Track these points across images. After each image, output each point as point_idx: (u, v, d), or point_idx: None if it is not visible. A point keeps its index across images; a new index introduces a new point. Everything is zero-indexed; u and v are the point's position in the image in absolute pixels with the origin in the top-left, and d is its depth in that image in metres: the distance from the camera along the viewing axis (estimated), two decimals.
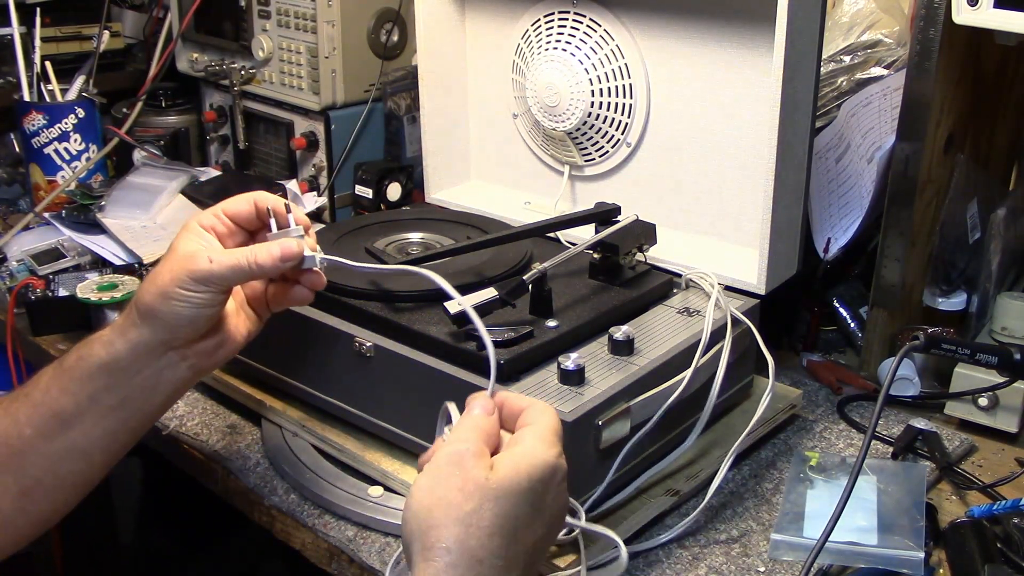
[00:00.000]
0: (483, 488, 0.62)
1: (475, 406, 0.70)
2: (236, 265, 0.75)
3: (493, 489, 0.62)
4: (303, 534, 0.92)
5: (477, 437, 0.66)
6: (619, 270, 1.02)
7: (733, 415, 1.03)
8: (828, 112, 1.20)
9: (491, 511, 0.62)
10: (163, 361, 0.77)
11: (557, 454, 0.66)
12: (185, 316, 0.75)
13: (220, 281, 0.75)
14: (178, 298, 0.74)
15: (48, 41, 1.63)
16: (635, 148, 1.18)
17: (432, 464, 0.65)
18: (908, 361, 1.12)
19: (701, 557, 0.87)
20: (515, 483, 0.63)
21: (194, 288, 0.74)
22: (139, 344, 0.75)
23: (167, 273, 0.75)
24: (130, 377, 0.76)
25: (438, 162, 1.33)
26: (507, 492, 0.63)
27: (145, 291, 0.76)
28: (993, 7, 0.94)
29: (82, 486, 0.79)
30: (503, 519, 0.62)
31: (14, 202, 1.68)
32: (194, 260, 0.75)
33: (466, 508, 0.62)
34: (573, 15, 1.17)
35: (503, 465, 0.64)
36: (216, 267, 0.74)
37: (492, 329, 0.88)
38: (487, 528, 0.61)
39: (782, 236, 1.05)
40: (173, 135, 1.69)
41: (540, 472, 0.64)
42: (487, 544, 0.61)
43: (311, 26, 1.45)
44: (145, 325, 0.75)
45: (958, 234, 1.17)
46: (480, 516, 0.61)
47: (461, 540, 0.61)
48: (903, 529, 0.86)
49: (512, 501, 0.63)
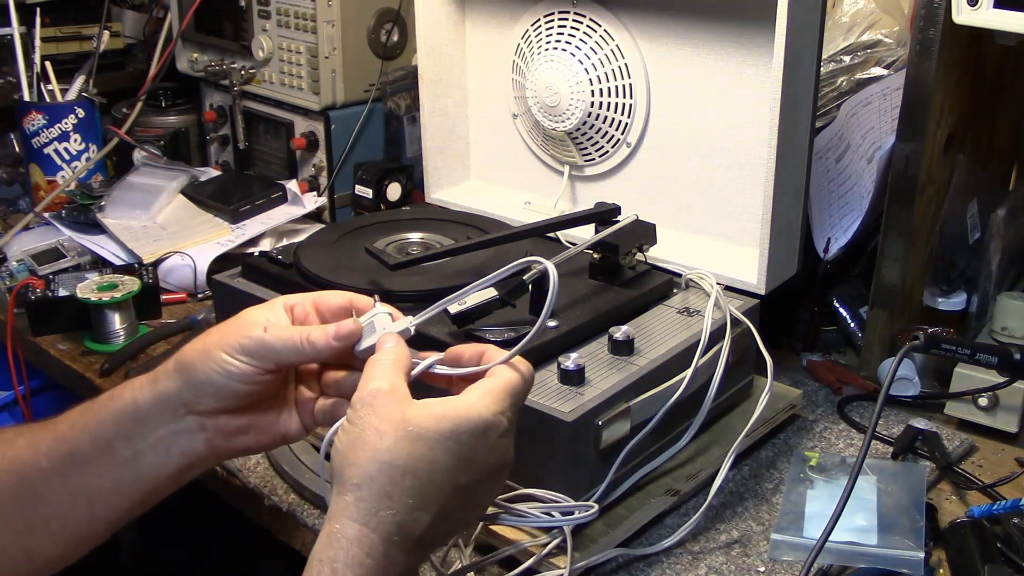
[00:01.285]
0: (398, 426, 0.62)
1: (385, 340, 0.69)
2: (288, 338, 0.70)
3: (410, 430, 0.62)
4: (303, 534, 0.92)
5: (391, 372, 0.65)
6: (619, 270, 1.02)
7: (733, 415, 1.03)
8: (828, 112, 1.20)
9: (406, 450, 0.61)
10: (181, 424, 0.72)
11: (498, 411, 0.65)
12: (215, 382, 0.69)
13: (269, 354, 0.69)
14: (217, 361, 0.69)
15: (48, 41, 1.63)
16: (635, 148, 1.18)
17: (351, 405, 0.65)
18: (908, 361, 1.12)
19: (701, 557, 0.87)
20: (436, 430, 0.62)
21: (237, 356, 0.69)
22: (163, 397, 0.71)
23: (219, 333, 0.71)
24: (147, 431, 0.72)
25: (438, 162, 1.33)
26: (425, 436, 0.62)
27: (192, 345, 0.71)
28: (993, 7, 0.94)
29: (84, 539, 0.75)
30: (418, 460, 0.61)
31: (14, 202, 1.68)
32: (250, 326, 0.70)
33: (380, 446, 0.61)
34: (573, 15, 1.17)
35: (432, 409, 0.63)
36: (269, 336, 0.69)
37: (492, 329, 0.88)
38: (400, 466, 0.61)
39: (782, 236, 1.05)
40: (173, 135, 1.69)
41: (469, 425, 0.63)
42: (399, 482, 0.61)
43: (311, 26, 1.45)
44: (176, 378, 0.71)
45: (958, 234, 1.17)
46: (394, 454, 0.61)
47: (372, 476, 0.61)
48: (903, 529, 0.86)
49: (429, 445, 0.62)
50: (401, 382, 0.65)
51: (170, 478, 0.74)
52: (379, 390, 0.64)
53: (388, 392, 0.64)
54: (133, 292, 1.23)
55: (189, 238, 1.40)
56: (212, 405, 0.71)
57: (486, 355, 0.70)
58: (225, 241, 1.40)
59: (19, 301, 1.27)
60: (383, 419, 0.62)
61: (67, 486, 0.73)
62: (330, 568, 0.60)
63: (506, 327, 0.89)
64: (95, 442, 0.73)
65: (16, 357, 1.31)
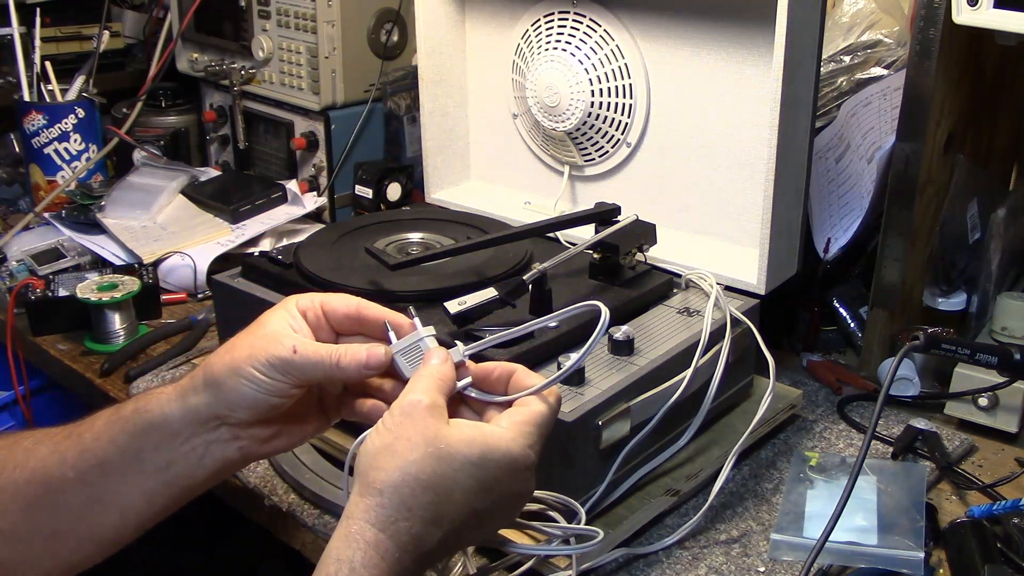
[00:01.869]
0: (430, 443, 0.63)
1: (435, 356, 0.69)
2: (319, 361, 0.70)
3: (440, 448, 0.63)
4: (303, 534, 0.92)
5: (433, 389, 0.66)
6: (619, 270, 1.02)
7: (733, 415, 1.03)
8: (828, 112, 1.20)
9: (432, 467, 0.63)
10: (214, 435, 0.72)
11: (526, 444, 0.66)
12: (249, 397, 0.70)
13: (298, 374, 0.70)
14: (248, 377, 0.69)
15: (48, 41, 1.63)
16: (635, 148, 1.18)
17: (389, 411, 0.66)
18: (908, 361, 1.11)
19: (701, 557, 0.87)
20: (464, 453, 0.64)
21: (267, 373, 0.69)
22: (194, 411, 0.71)
23: (247, 348, 0.70)
24: (178, 443, 0.72)
25: (438, 162, 1.33)
26: (453, 457, 0.63)
27: (219, 358, 0.71)
28: (993, 7, 0.94)
29: (112, 542, 0.76)
30: (441, 478, 0.63)
31: (14, 202, 1.68)
32: (278, 343, 0.69)
33: (409, 457, 0.63)
34: (573, 15, 1.17)
35: (463, 431, 0.65)
36: (298, 359, 0.69)
37: (492, 329, 0.88)
38: (424, 482, 0.63)
39: (782, 236, 1.05)
40: (173, 135, 1.69)
41: (496, 455, 0.65)
42: (420, 496, 0.62)
43: (311, 26, 1.45)
44: (207, 393, 0.71)
45: (958, 234, 1.17)
46: (420, 468, 0.63)
47: (396, 485, 0.62)
48: (903, 529, 0.86)
49: (455, 467, 0.63)
50: (441, 400, 0.66)
51: (202, 482, 0.74)
52: (419, 403, 0.65)
53: (427, 407, 0.65)
54: (133, 292, 1.23)
55: (189, 238, 1.40)
56: (246, 417, 0.71)
57: (515, 377, 0.70)
58: (225, 241, 1.40)
59: (19, 301, 1.27)
60: (417, 431, 0.64)
61: (95, 494, 0.73)
62: (348, 568, 0.61)
63: (507, 327, 0.89)
64: (123, 454, 0.73)
65: (16, 357, 1.31)
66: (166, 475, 0.73)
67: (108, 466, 0.73)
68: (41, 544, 0.75)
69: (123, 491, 0.73)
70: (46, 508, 0.74)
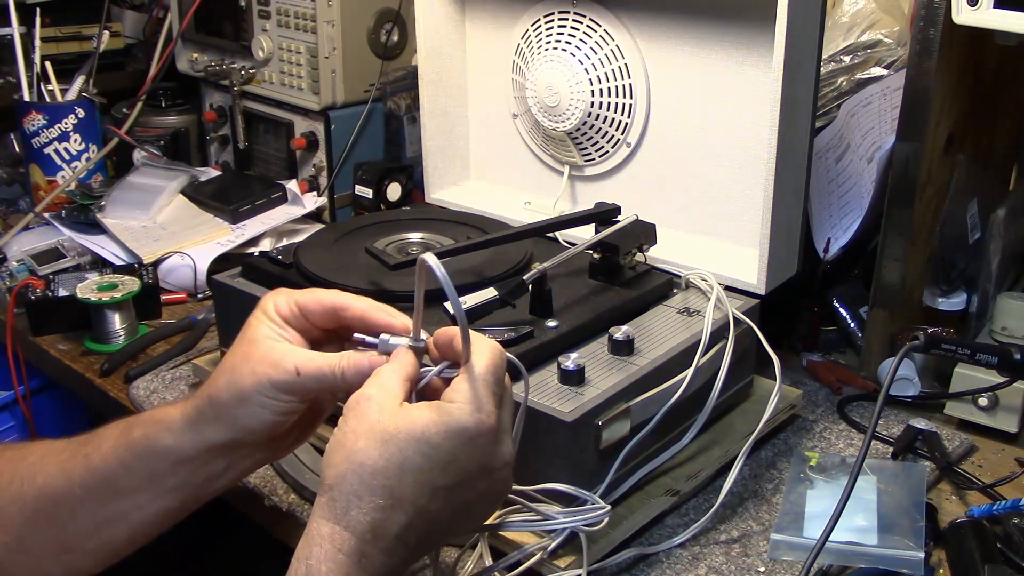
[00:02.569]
0: (372, 430, 0.63)
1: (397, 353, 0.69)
2: (322, 378, 0.70)
3: (382, 432, 0.63)
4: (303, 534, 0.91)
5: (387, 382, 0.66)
6: (619, 270, 1.02)
7: (733, 415, 1.03)
8: (828, 112, 1.20)
9: (376, 451, 0.62)
10: (236, 454, 0.73)
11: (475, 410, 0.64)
12: (265, 420, 0.71)
13: (304, 392, 0.70)
14: (259, 404, 0.70)
15: (48, 41, 1.63)
16: (635, 148, 1.18)
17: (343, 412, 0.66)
18: (908, 361, 1.11)
19: (701, 557, 0.87)
20: (407, 431, 0.63)
21: (275, 397, 0.70)
22: (210, 441, 0.72)
23: (249, 375, 0.70)
24: (195, 466, 0.73)
25: (438, 162, 1.33)
26: (395, 438, 0.63)
27: (221, 387, 0.71)
28: (993, 7, 0.94)
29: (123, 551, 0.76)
30: (387, 461, 0.62)
31: (14, 202, 1.68)
32: (278, 367, 0.69)
33: (353, 447, 0.63)
34: (573, 15, 1.17)
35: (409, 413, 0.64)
36: (303, 380, 0.69)
37: (492, 329, 0.88)
38: (370, 467, 0.62)
39: (782, 236, 1.05)
40: (173, 135, 1.69)
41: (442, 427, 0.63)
42: (368, 481, 0.62)
43: (311, 26, 1.45)
44: (220, 423, 0.71)
45: (958, 234, 1.17)
46: (365, 455, 0.62)
47: (343, 476, 0.63)
48: (903, 529, 0.86)
49: (400, 446, 0.63)
50: (394, 387, 0.66)
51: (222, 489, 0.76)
52: (363, 395, 0.65)
53: (371, 396, 0.65)
54: (133, 292, 1.23)
55: (189, 238, 1.40)
56: (265, 436, 0.73)
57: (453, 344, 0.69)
58: (225, 241, 1.40)
59: (19, 301, 1.27)
60: (360, 422, 0.64)
61: (106, 512, 0.74)
62: (305, 565, 0.62)
63: (506, 327, 0.89)
64: (135, 476, 0.73)
65: (16, 357, 1.31)
66: (182, 493, 0.74)
67: (121, 489, 0.73)
68: (52, 557, 0.75)
69: (135, 509, 0.74)
70: (55, 524, 0.74)
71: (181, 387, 1.13)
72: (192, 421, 0.72)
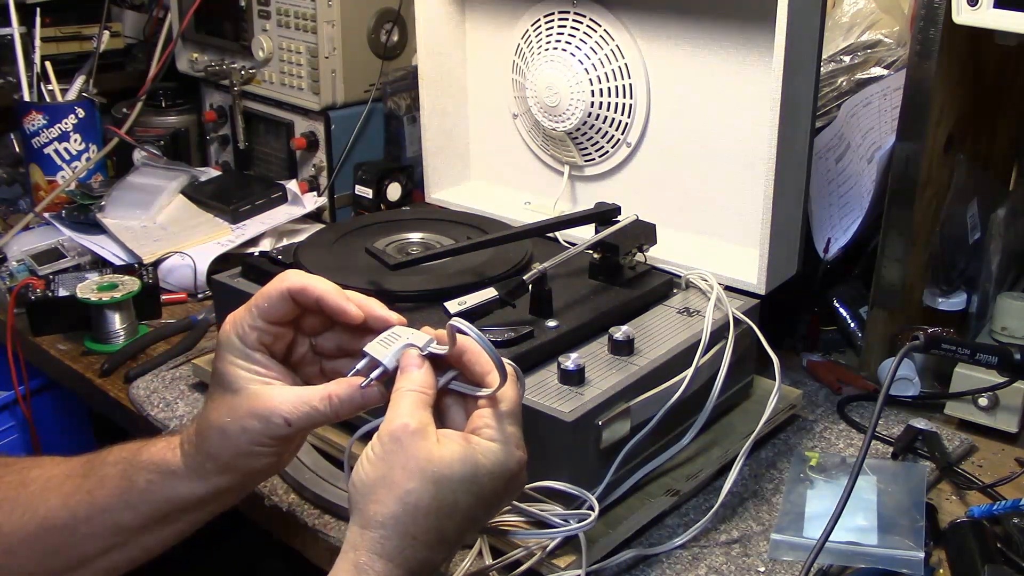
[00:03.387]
0: (423, 469, 0.64)
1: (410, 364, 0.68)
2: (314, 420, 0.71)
3: (435, 472, 0.64)
4: (303, 534, 0.92)
5: (417, 406, 0.66)
6: (619, 270, 1.02)
7: (733, 415, 1.03)
8: (828, 112, 1.20)
9: (430, 494, 0.64)
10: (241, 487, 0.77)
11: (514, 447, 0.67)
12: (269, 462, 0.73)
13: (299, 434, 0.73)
14: (258, 454, 0.72)
15: (48, 41, 1.63)
16: (635, 148, 1.18)
17: (377, 436, 0.66)
18: (908, 361, 1.11)
19: (701, 557, 0.87)
20: (460, 473, 0.64)
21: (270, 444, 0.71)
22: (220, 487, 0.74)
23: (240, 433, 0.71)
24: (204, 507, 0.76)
25: (438, 162, 1.33)
26: (449, 479, 0.64)
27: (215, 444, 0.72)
28: (993, 7, 0.94)
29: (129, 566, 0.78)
30: (440, 502, 0.64)
31: (14, 202, 1.68)
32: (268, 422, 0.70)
33: (406, 487, 0.63)
34: (573, 15, 1.17)
35: (454, 450, 0.65)
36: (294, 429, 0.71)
37: (492, 329, 0.88)
38: (424, 509, 0.64)
39: (782, 236, 1.05)
40: (173, 135, 1.69)
41: (489, 467, 0.66)
42: (422, 523, 0.64)
43: (311, 26, 1.45)
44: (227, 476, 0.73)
45: (958, 234, 1.17)
46: (419, 497, 0.63)
47: (397, 517, 0.63)
48: (903, 529, 0.86)
49: (452, 488, 0.64)
50: (428, 418, 0.66)
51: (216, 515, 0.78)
52: (407, 427, 0.65)
53: (415, 431, 0.65)
54: (133, 292, 1.23)
55: (189, 238, 1.40)
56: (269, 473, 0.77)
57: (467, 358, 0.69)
58: (225, 241, 1.40)
59: (19, 301, 1.27)
60: (410, 459, 0.64)
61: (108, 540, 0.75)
62: None
63: (506, 327, 0.89)
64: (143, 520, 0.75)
65: (16, 357, 1.31)
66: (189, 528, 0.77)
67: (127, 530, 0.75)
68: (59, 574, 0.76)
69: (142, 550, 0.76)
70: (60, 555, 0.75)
71: (181, 387, 1.13)
72: (197, 473, 0.73)
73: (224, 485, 0.74)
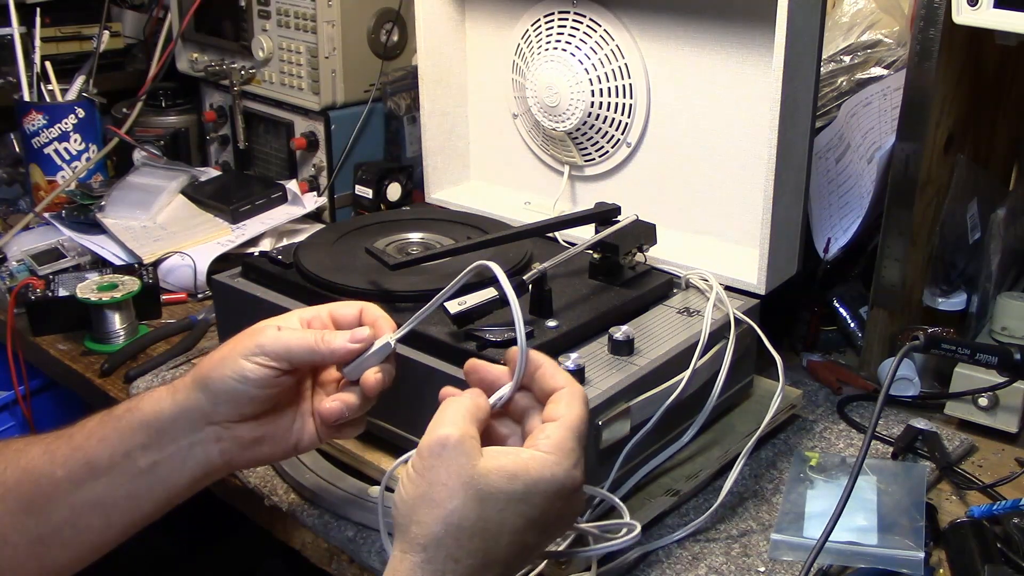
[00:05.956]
0: (468, 485, 0.60)
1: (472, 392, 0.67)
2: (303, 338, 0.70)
3: (480, 489, 0.60)
4: (303, 534, 0.92)
5: (464, 419, 0.63)
6: (619, 270, 1.02)
7: (733, 415, 1.03)
8: (828, 112, 1.20)
9: (475, 512, 0.59)
10: (198, 435, 0.73)
11: (571, 466, 0.62)
12: (231, 389, 0.70)
13: (284, 353, 0.70)
14: (233, 368, 0.70)
15: (48, 41, 1.63)
16: (635, 148, 1.18)
17: (417, 451, 0.62)
18: (908, 361, 1.12)
19: (701, 557, 0.87)
20: (508, 491, 0.60)
21: (252, 359, 0.70)
22: (182, 408, 0.72)
23: (234, 342, 0.71)
24: (164, 443, 0.72)
25: (438, 162, 1.33)
26: (495, 497, 0.60)
27: (209, 357, 0.72)
28: (993, 7, 0.94)
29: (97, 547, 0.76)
30: (486, 522, 0.60)
31: (14, 202, 1.68)
32: (263, 330, 0.70)
33: (448, 507, 0.59)
34: (573, 15, 1.17)
35: (502, 465, 0.61)
36: (283, 335, 0.69)
37: (492, 329, 0.88)
38: (468, 530, 0.59)
39: (782, 236, 1.05)
40: (173, 135, 1.69)
41: (542, 486, 0.61)
42: (466, 544, 0.60)
43: (311, 26, 1.45)
44: (194, 389, 0.72)
45: (958, 234, 1.17)
46: (463, 516, 0.59)
47: (439, 538, 0.59)
48: (903, 529, 0.86)
49: (499, 507, 0.60)
50: (472, 430, 0.62)
51: (185, 487, 0.75)
52: (448, 438, 0.61)
53: (457, 442, 0.61)
54: (133, 292, 1.23)
55: (189, 238, 1.40)
56: (229, 414, 0.72)
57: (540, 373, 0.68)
58: (225, 241, 1.40)
59: (19, 301, 1.27)
60: (452, 474, 0.60)
61: (82, 495, 0.73)
62: None
63: (506, 327, 0.89)
64: (112, 452, 0.73)
65: (16, 357, 1.31)
66: (151, 477, 0.73)
67: (96, 466, 0.73)
68: (26, 548, 0.74)
69: (109, 492, 0.73)
70: (34, 512, 0.74)
71: None
72: (173, 389, 0.73)
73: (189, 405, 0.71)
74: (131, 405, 0.74)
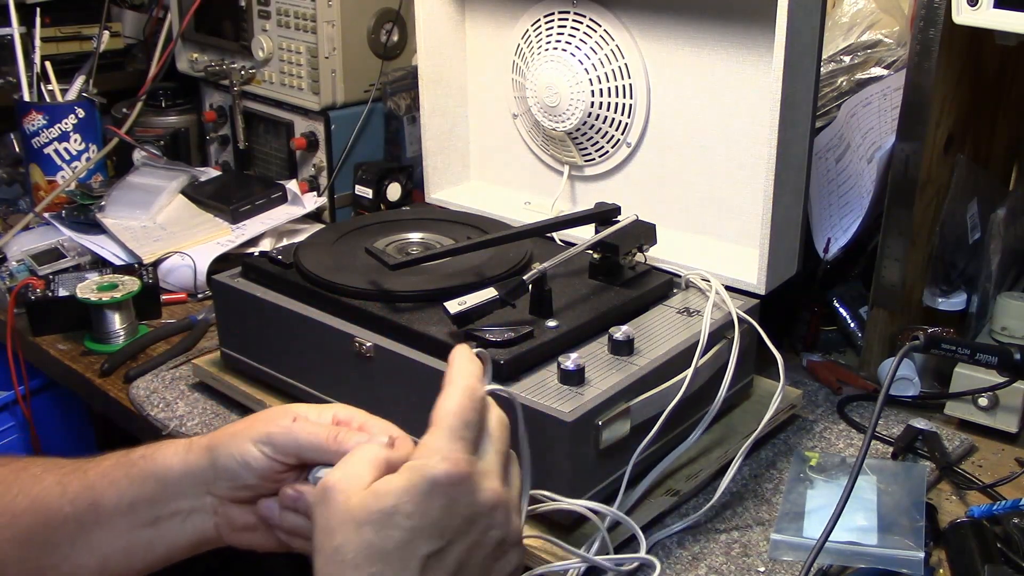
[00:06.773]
0: (344, 520, 0.58)
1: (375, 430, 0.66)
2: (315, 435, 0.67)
3: (354, 517, 0.58)
4: None
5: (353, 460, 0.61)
6: (619, 270, 1.02)
7: (733, 415, 1.03)
8: (828, 112, 1.20)
9: (353, 542, 0.57)
10: (199, 500, 0.72)
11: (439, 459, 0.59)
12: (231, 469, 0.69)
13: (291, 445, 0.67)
14: (239, 448, 0.68)
15: (48, 41, 1.63)
16: (635, 148, 1.18)
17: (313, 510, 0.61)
18: (908, 361, 1.11)
19: (701, 557, 0.87)
20: (378, 510, 0.58)
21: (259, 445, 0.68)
22: (190, 469, 0.71)
23: (249, 422, 0.70)
24: (169, 499, 0.71)
25: (438, 162, 1.33)
26: (368, 520, 0.57)
27: (231, 424, 0.71)
28: (993, 7, 0.94)
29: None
30: (366, 548, 0.57)
31: (14, 202, 1.68)
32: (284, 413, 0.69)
33: (329, 546, 0.58)
34: (573, 15, 1.17)
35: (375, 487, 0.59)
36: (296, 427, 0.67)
37: (492, 329, 0.88)
38: (351, 561, 0.57)
39: (782, 236, 1.05)
40: (173, 135, 1.69)
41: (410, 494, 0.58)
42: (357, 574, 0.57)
43: (311, 26, 1.45)
44: (204, 455, 0.70)
45: (958, 234, 1.17)
46: (343, 552, 0.57)
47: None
48: (903, 529, 0.86)
49: (375, 528, 0.57)
50: (360, 471, 0.60)
51: (181, 550, 0.74)
52: (327, 484, 0.59)
53: (336, 481, 0.59)
54: (133, 292, 1.23)
55: (189, 238, 1.40)
56: (225, 492, 0.70)
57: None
58: (225, 241, 1.40)
59: (19, 301, 1.27)
60: (331, 515, 0.58)
61: (83, 537, 0.73)
62: None
63: (506, 327, 0.89)
64: (119, 500, 0.72)
65: (16, 357, 1.31)
66: (150, 532, 0.72)
67: (101, 510, 0.72)
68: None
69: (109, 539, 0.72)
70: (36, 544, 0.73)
71: (181, 387, 1.13)
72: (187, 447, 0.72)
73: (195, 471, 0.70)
74: (147, 452, 0.73)
